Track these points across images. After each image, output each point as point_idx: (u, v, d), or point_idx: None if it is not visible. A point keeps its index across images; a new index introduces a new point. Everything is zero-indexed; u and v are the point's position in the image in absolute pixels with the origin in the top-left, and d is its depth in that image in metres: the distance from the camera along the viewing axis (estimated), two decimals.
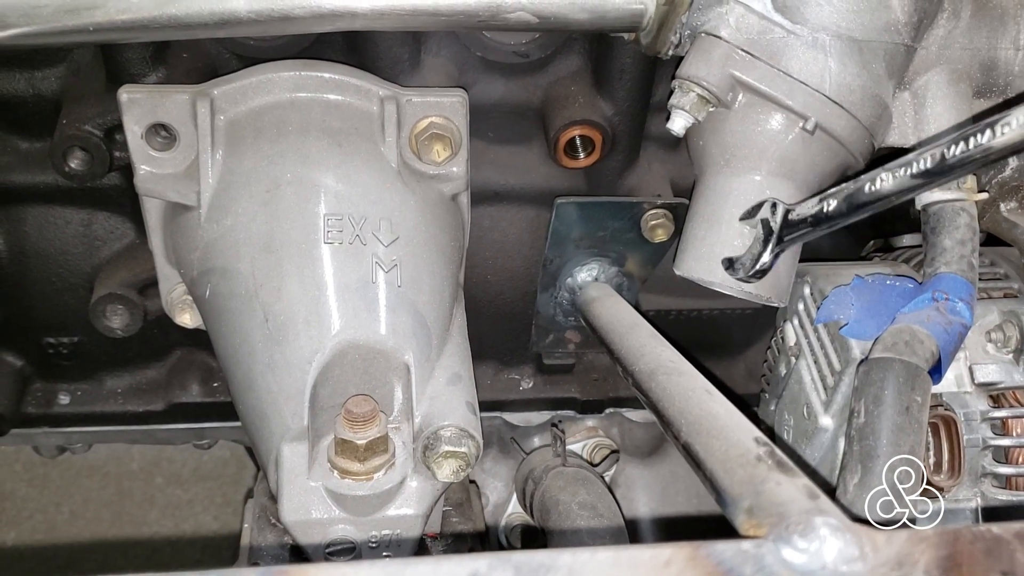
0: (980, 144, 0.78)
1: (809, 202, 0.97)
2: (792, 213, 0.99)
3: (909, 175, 0.86)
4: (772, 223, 1.00)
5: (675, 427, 0.77)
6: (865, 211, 0.92)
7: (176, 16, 0.92)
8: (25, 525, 2.42)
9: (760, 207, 1.02)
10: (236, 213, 1.02)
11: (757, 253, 1.02)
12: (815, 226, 0.97)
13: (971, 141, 0.79)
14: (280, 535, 1.00)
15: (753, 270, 1.02)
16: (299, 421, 0.95)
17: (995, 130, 0.77)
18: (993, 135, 0.77)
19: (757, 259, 1.02)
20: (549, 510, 1.23)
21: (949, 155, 0.81)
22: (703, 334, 1.42)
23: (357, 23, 0.94)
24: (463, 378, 1.03)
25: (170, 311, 1.17)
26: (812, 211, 0.96)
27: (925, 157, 0.83)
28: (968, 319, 0.93)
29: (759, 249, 1.02)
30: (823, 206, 0.95)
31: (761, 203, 1.02)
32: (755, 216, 1.02)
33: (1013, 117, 0.75)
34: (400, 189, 1.05)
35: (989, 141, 0.77)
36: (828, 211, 0.94)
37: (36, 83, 1.12)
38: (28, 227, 1.21)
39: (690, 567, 0.51)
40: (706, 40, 0.96)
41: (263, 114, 1.04)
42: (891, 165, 0.87)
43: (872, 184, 0.89)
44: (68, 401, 1.36)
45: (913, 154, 0.85)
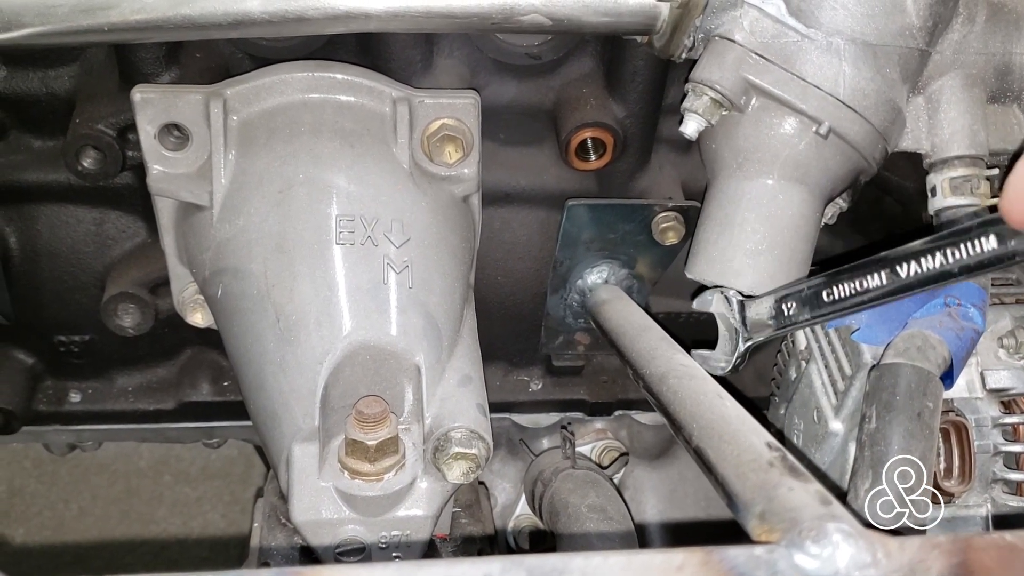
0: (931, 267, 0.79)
1: (765, 301, 0.98)
2: (750, 309, 1.01)
3: (868, 289, 0.87)
4: (732, 320, 1.02)
5: (687, 431, 0.77)
6: (824, 318, 0.94)
7: (190, 16, 0.92)
8: (34, 522, 2.43)
9: (710, 294, 1.05)
10: (248, 213, 1.02)
11: (729, 352, 1.06)
12: (777, 329, 0.99)
13: (928, 260, 0.79)
14: (290, 535, 1.01)
15: (730, 368, 1.06)
16: (310, 421, 0.95)
17: (956, 250, 0.77)
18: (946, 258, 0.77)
19: (731, 359, 1.06)
20: (558, 512, 1.23)
21: (904, 274, 0.82)
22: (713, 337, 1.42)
23: (371, 24, 0.95)
24: (473, 380, 1.03)
25: (182, 310, 1.17)
26: (769, 312, 0.98)
27: (882, 273, 0.84)
28: (980, 325, 0.93)
29: (729, 348, 1.05)
30: (783, 308, 0.96)
31: (710, 289, 1.05)
32: (706, 302, 1.06)
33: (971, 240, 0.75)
34: (412, 190, 1.05)
35: (945, 262, 0.78)
36: (788, 314, 0.96)
37: (50, 82, 1.12)
38: (40, 226, 1.21)
39: (702, 572, 0.50)
40: (720, 43, 0.96)
41: (276, 115, 1.04)
42: (853, 272, 0.88)
43: (830, 292, 0.90)
44: (79, 399, 1.36)
45: (873, 261, 0.85)
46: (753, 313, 1.01)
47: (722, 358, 1.06)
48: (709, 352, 1.08)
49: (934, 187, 1.02)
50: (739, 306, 1.03)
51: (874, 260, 0.85)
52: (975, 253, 0.74)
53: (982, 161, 1.01)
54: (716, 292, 1.05)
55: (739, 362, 1.06)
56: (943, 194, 1.01)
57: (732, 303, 1.03)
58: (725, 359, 1.06)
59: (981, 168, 1.01)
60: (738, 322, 1.03)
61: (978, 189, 0.99)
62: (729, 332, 1.05)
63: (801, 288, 0.94)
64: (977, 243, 0.73)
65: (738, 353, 1.05)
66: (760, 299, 1.00)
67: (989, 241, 0.72)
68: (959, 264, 0.76)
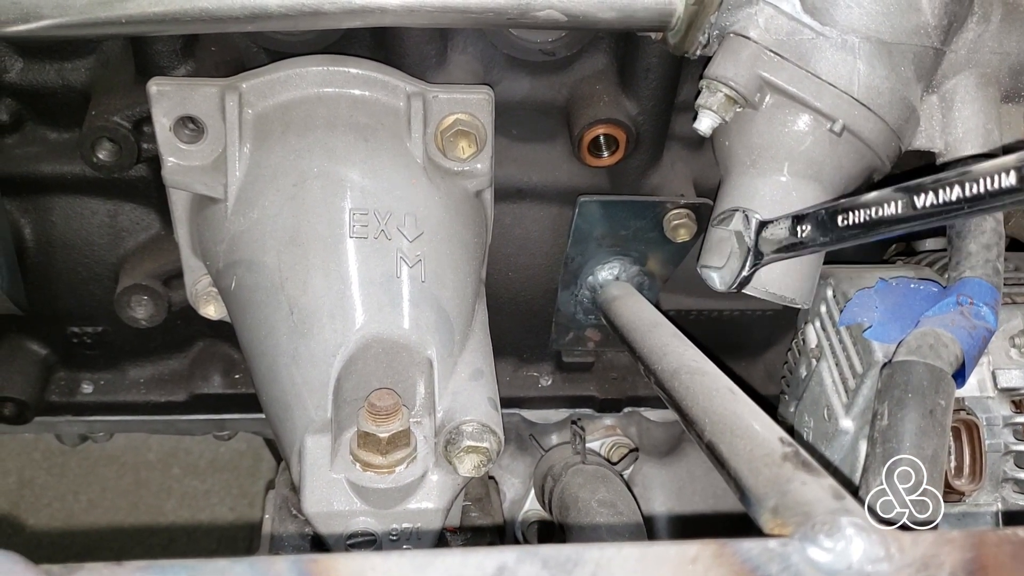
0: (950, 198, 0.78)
1: (781, 223, 0.98)
2: (766, 230, 1.00)
3: (883, 217, 0.86)
4: (747, 237, 1.01)
5: (699, 426, 0.78)
6: (837, 242, 0.92)
7: (207, 9, 0.93)
8: (43, 513, 2.44)
9: (733, 214, 1.03)
10: (263, 206, 1.03)
11: (737, 268, 1.03)
12: (789, 249, 0.98)
13: (945, 192, 0.78)
14: (301, 526, 1.01)
15: (735, 283, 1.03)
16: (322, 413, 0.96)
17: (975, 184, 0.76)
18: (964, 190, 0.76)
19: (737, 274, 1.03)
20: (568, 507, 1.23)
21: (920, 204, 0.81)
22: (723, 334, 1.42)
23: (387, 19, 0.95)
24: (485, 374, 1.03)
25: (195, 302, 1.18)
26: (784, 233, 0.97)
27: (898, 202, 0.83)
28: (992, 324, 0.93)
29: (737, 264, 1.03)
30: (797, 230, 0.95)
31: (733, 210, 1.03)
32: (727, 224, 1.04)
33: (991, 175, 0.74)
34: (425, 185, 1.05)
35: (964, 192, 0.77)
36: (802, 237, 0.95)
37: (66, 74, 1.13)
38: (55, 217, 1.22)
39: (716, 564, 0.51)
40: (735, 40, 0.96)
41: (291, 108, 1.05)
42: (869, 200, 0.87)
43: (845, 217, 0.89)
44: (91, 390, 1.37)
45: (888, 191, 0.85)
46: (769, 233, 0.99)
47: (728, 274, 1.04)
48: (716, 270, 1.06)
49: None
50: (757, 226, 1.01)
51: (891, 189, 0.84)
52: (993, 188, 0.73)
53: None
54: (738, 210, 1.03)
55: (743, 281, 1.04)
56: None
57: (751, 222, 1.01)
58: (731, 275, 1.04)
59: None
60: (751, 242, 1.01)
61: None
62: (741, 251, 1.03)
63: (818, 211, 0.93)
64: (996, 178, 0.73)
65: (743, 273, 1.03)
66: (777, 220, 0.99)
67: (1009, 176, 0.72)
68: (976, 196, 0.75)
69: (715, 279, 1.05)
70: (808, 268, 1.04)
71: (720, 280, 1.05)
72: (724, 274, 1.04)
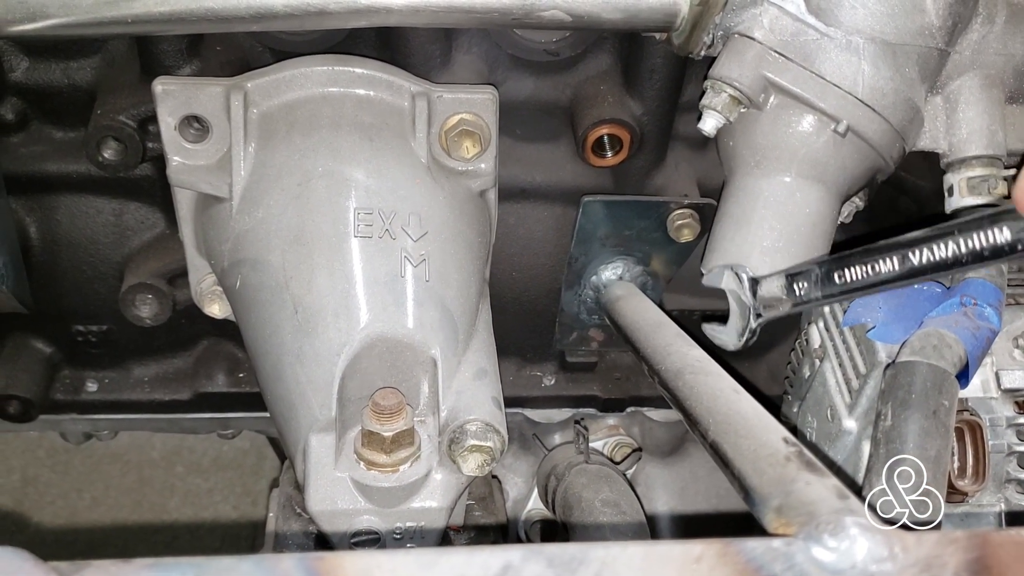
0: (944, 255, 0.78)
1: (775, 280, 0.98)
2: (761, 287, 1.01)
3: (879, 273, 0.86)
4: (743, 295, 1.02)
5: (703, 426, 0.78)
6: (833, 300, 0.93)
7: (213, 9, 0.93)
8: (47, 510, 2.45)
9: (721, 270, 1.04)
10: (267, 205, 1.03)
11: (741, 327, 1.04)
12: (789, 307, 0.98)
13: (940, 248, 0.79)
14: (305, 524, 1.01)
15: (744, 342, 1.04)
16: (327, 412, 0.96)
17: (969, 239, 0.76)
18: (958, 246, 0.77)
19: (743, 332, 1.04)
20: (572, 506, 1.23)
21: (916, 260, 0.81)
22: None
23: (392, 19, 0.95)
24: (489, 373, 1.03)
25: (199, 301, 1.18)
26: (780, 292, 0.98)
27: (893, 258, 0.84)
28: (996, 324, 0.93)
29: (741, 324, 1.04)
30: (795, 287, 0.96)
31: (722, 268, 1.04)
32: (716, 279, 1.05)
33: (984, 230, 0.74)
34: (429, 184, 1.06)
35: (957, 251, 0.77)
36: (800, 294, 0.96)
37: (71, 73, 1.13)
38: (60, 216, 1.22)
39: (721, 563, 0.51)
40: (739, 41, 0.96)
41: (296, 108, 1.05)
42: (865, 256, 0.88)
43: (841, 274, 0.90)
44: (95, 389, 1.37)
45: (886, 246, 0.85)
46: (764, 291, 1.01)
47: (733, 333, 1.05)
48: (720, 327, 1.07)
49: (951, 186, 1.02)
50: (750, 283, 1.02)
51: (886, 245, 0.84)
52: (987, 243, 0.74)
53: (1000, 161, 1.01)
54: (727, 268, 1.05)
55: (750, 337, 1.05)
56: (960, 193, 1.01)
57: (743, 280, 1.02)
58: (736, 334, 1.05)
59: (999, 168, 1.01)
60: (749, 299, 1.02)
61: (995, 189, 0.99)
62: (740, 308, 1.04)
63: (813, 268, 0.94)
64: (990, 233, 0.73)
65: (749, 329, 1.04)
66: (770, 277, 1.00)
67: (1002, 232, 0.72)
68: (971, 253, 0.75)
69: (724, 341, 1.07)
70: None
71: (728, 342, 1.06)
72: (730, 334, 1.06)
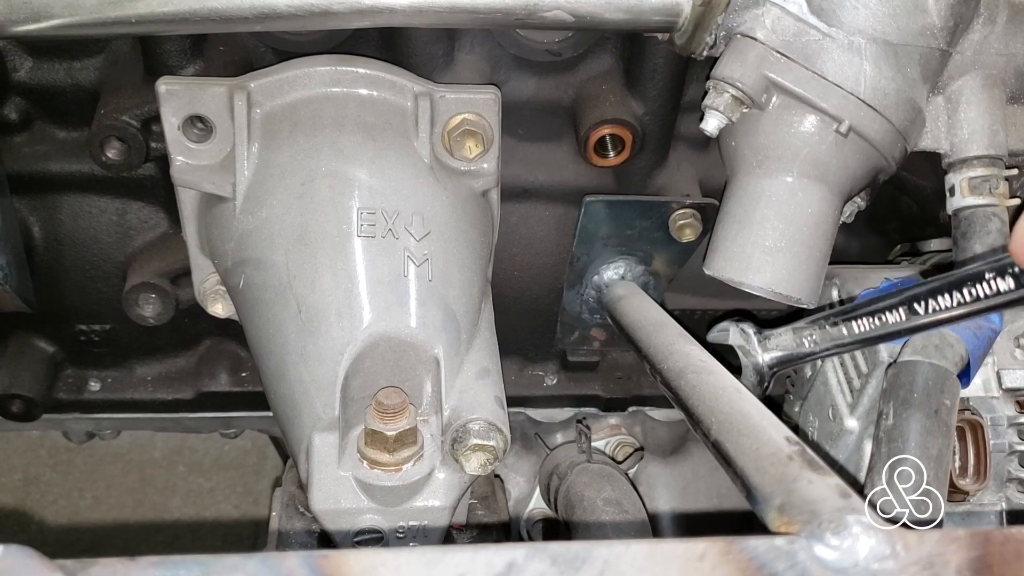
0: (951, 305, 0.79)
1: (784, 334, 0.99)
2: (769, 342, 1.01)
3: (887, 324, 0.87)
4: (751, 351, 1.03)
5: (705, 425, 0.78)
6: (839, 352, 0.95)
7: (217, 9, 0.93)
8: (49, 510, 2.45)
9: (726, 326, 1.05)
10: (271, 205, 1.03)
11: (754, 382, 1.06)
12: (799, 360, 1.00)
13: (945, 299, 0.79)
14: (308, 523, 1.02)
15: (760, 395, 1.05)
16: (330, 411, 0.96)
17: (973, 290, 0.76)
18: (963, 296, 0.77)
19: (755, 388, 1.05)
20: (574, 505, 1.23)
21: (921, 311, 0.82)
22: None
23: (396, 19, 0.95)
24: (491, 372, 1.04)
25: (203, 301, 1.18)
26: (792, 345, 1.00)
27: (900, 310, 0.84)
28: (997, 324, 0.94)
29: (754, 379, 1.05)
30: (803, 341, 0.97)
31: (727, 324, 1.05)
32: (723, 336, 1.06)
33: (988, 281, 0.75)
34: (432, 184, 1.06)
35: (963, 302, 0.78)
36: (809, 347, 0.97)
37: (75, 73, 1.13)
38: (63, 215, 1.22)
39: (723, 561, 0.51)
40: (742, 41, 0.96)
41: (299, 108, 1.05)
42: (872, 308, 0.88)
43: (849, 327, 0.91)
44: (98, 388, 1.37)
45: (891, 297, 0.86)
46: (773, 344, 1.02)
47: (750, 387, 1.06)
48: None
49: (952, 187, 1.03)
50: (757, 340, 1.04)
51: (892, 297, 0.85)
52: (991, 293, 0.74)
53: (1001, 161, 1.02)
54: (732, 324, 1.06)
55: (767, 387, 1.06)
56: (962, 193, 1.01)
57: (750, 335, 1.03)
58: (752, 388, 1.05)
59: (1000, 168, 1.01)
60: (758, 353, 1.03)
61: (996, 189, 0.99)
62: (751, 362, 1.05)
63: (820, 322, 0.95)
64: (993, 283, 0.74)
65: (766, 381, 1.05)
66: (779, 332, 1.01)
67: (1006, 281, 0.73)
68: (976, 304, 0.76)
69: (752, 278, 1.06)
70: (814, 268, 1.04)
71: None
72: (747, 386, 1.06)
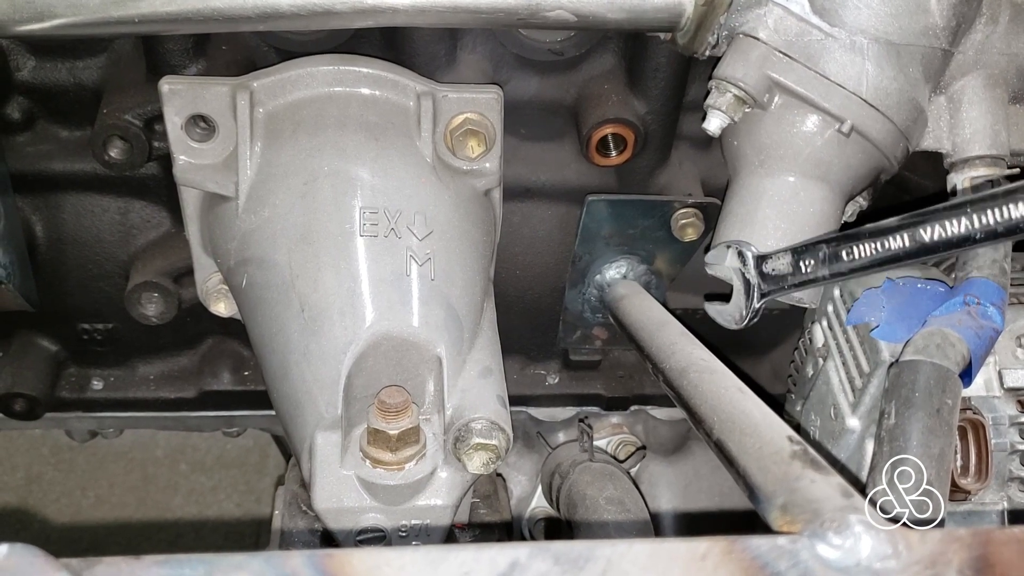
0: (956, 231, 0.78)
1: (782, 257, 0.98)
2: (766, 265, 1.00)
3: (889, 250, 0.86)
4: (747, 274, 1.02)
5: (707, 424, 0.78)
6: (842, 276, 0.94)
7: (220, 9, 0.93)
8: (51, 508, 2.46)
9: (725, 251, 1.03)
10: (274, 204, 1.03)
11: (743, 305, 1.04)
12: (796, 285, 0.99)
13: (953, 224, 0.78)
14: (311, 522, 1.02)
15: (745, 320, 1.05)
16: (333, 410, 0.96)
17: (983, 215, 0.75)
18: (972, 222, 0.76)
19: (745, 311, 1.04)
20: (576, 504, 1.24)
21: (927, 237, 0.81)
22: (729, 334, 1.42)
23: (398, 19, 0.96)
24: (494, 371, 1.04)
25: (205, 300, 1.19)
26: (787, 268, 0.98)
27: (904, 235, 0.83)
28: (999, 323, 0.93)
29: (743, 301, 1.04)
30: (800, 264, 0.96)
31: (725, 246, 1.03)
32: (720, 257, 1.05)
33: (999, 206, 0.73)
34: (435, 184, 1.06)
35: (970, 227, 0.76)
36: (807, 271, 0.95)
37: (77, 73, 1.13)
38: (66, 214, 1.23)
39: (726, 560, 0.51)
40: (744, 41, 0.96)
41: (301, 107, 1.05)
42: (874, 233, 0.88)
43: (849, 251, 0.90)
44: (101, 387, 1.38)
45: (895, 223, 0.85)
46: (770, 268, 1.00)
47: (736, 312, 1.05)
48: (723, 306, 1.07)
49: (955, 186, 1.03)
50: (755, 261, 1.02)
51: (896, 222, 0.84)
52: (1002, 219, 0.72)
53: (1003, 161, 1.02)
54: (731, 247, 1.05)
55: (753, 317, 1.05)
56: (963, 193, 1.01)
57: (748, 258, 1.02)
58: (739, 313, 1.05)
59: (1002, 168, 1.01)
60: (754, 277, 1.02)
61: None
62: (743, 287, 1.04)
63: (820, 245, 0.93)
64: (1005, 209, 0.72)
65: (752, 308, 1.04)
66: (777, 255, 1.00)
67: (1018, 208, 0.71)
68: (984, 229, 0.74)
69: (726, 320, 1.07)
70: None
71: (728, 319, 1.06)
72: (732, 311, 1.06)
